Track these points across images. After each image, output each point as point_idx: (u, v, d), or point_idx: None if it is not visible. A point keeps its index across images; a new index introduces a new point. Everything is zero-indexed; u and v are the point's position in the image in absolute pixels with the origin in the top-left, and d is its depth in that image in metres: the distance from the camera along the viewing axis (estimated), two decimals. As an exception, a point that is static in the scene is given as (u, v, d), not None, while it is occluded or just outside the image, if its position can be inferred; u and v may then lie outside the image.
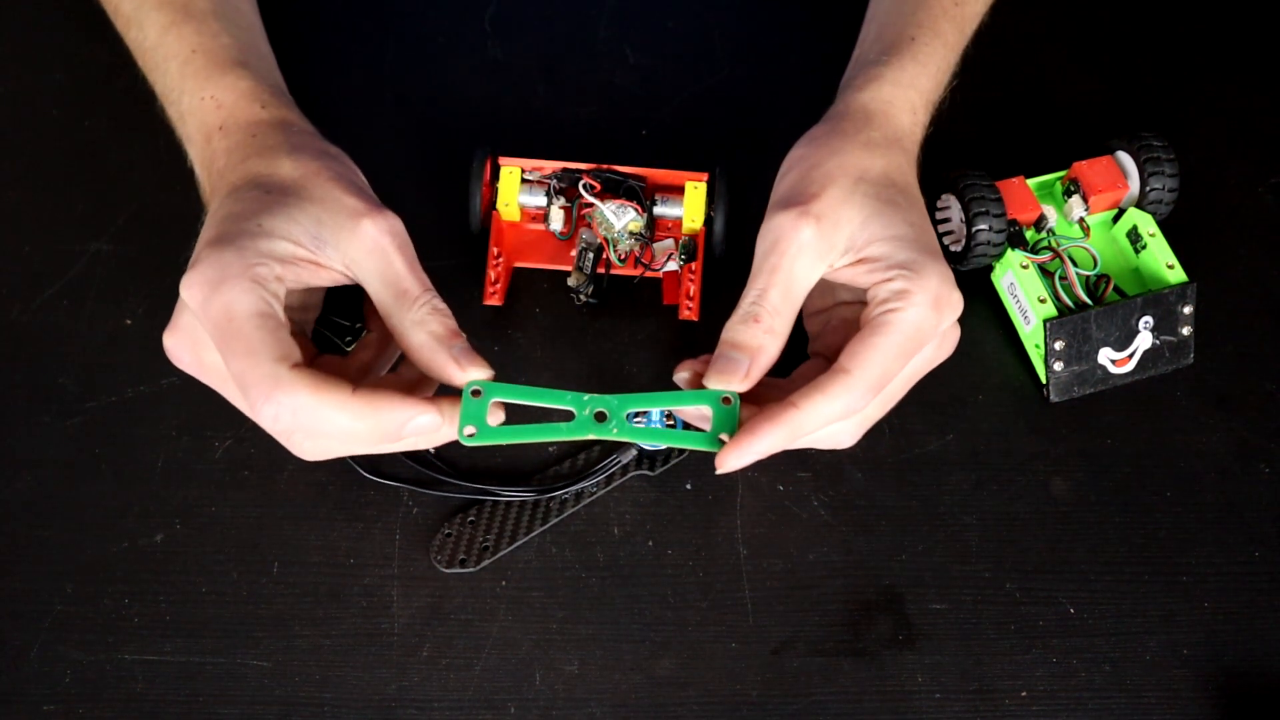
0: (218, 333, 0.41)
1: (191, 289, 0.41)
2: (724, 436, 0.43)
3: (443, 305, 0.44)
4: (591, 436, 0.43)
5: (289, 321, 0.42)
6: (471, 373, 0.43)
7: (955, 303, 0.45)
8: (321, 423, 0.41)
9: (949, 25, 0.53)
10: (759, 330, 0.44)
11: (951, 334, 0.47)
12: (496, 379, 0.43)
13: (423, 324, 0.43)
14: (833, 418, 0.43)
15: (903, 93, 0.50)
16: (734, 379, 0.44)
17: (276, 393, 0.40)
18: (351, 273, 0.44)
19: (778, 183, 0.48)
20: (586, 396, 0.43)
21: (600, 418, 0.43)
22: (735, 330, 0.45)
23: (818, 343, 0.49)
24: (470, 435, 0.42)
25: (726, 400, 0.44)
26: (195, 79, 0.49)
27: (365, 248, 0.44)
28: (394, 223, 0.44)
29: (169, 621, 0.49)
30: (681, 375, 0.46)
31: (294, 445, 0.43)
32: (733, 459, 0.43)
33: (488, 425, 0.42)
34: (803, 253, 0.45)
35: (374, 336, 0.48)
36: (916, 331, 0.44)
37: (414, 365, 0.44)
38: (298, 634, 0.49)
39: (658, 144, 0.62)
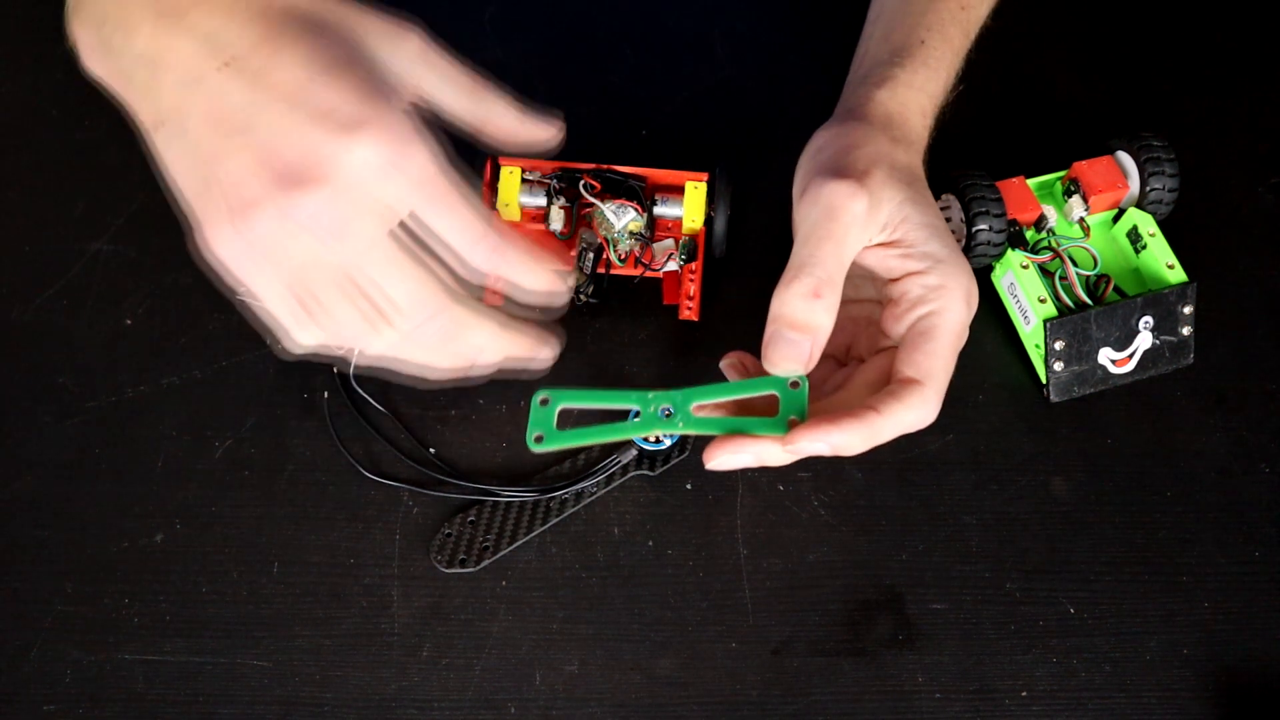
0: (425, 189, 0.40)
1: (381, 146, 0.38)
2: (794, 419, 0.43)
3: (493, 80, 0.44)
4: (659, 432, 0.44)
5: None
6: (552, 128, 0.46)
7: (976, 294, 0.46)
8: (521, 278, 0.43)
9: (956, 30, 0.53)
10: (819, 307, 0.44)
11: (974, 292, 0.48)
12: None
13: (505, 105, 0.45)
14: (907, 427, 0.44)
15: (914, 95, 0.50)
16: (798, 364, 0.44)
17: (502, 242, 0.42)
18: (422, 94, 0.42)
19: (811, 158, 0.48)
20: (651, 394, 0.44)
21: (665, 414, 0.44)
22: (794, 306, 0.44)
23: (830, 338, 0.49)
24: (539, 440, 0.43)
25: (795, 385, 0.44)
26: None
27: (428, 64, 0.42)
28: (421, 28, 0.42)
29: (169, 621, 0.49)
30: (729, 363, 0.46)
31: (367, 339, 0.41)
32: (805, 442, 0.42)
33: (555, 430, 0.44)
34: (855, 223, 0.45)
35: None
36: (961, 328, 0.45)
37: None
38: (298, 634, 0.49)
39: (658, 144, 0.62)
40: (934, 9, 0.53)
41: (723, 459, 0.44)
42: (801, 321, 0.44)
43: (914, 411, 0.44)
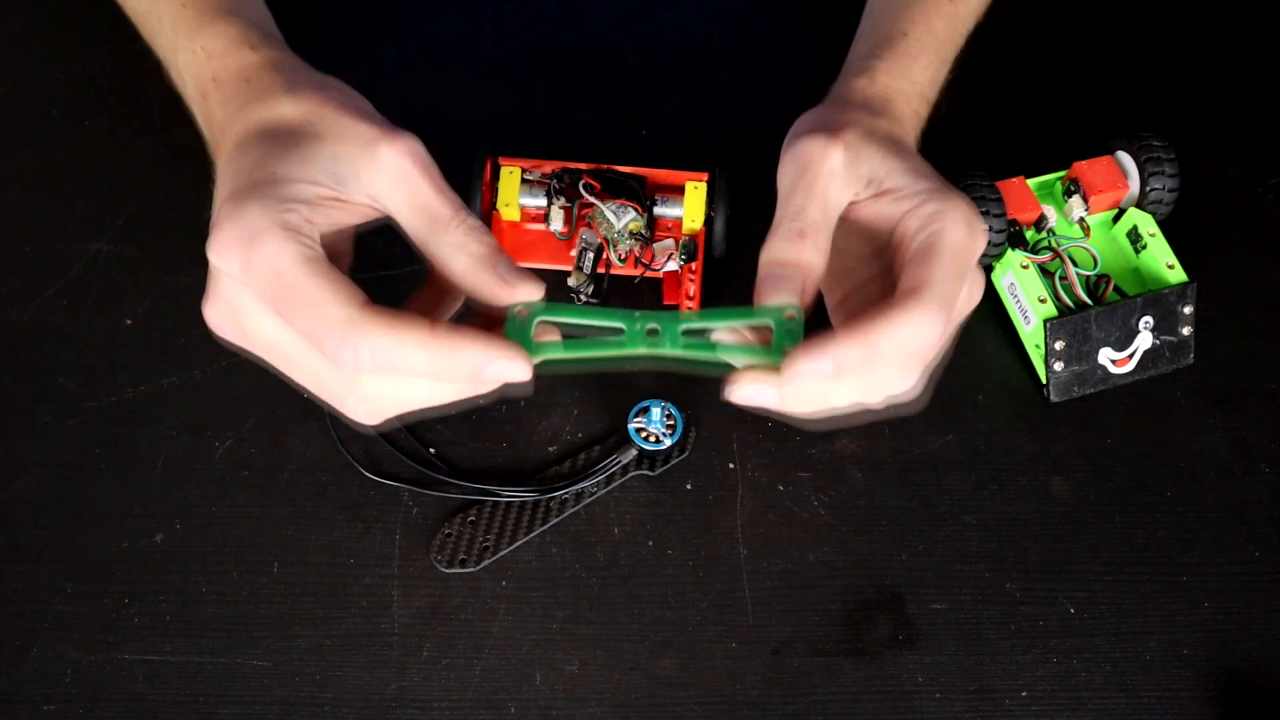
0: (269, 292, 0.39)
1: (223, 252, 0.39)
2: (788, 347, 0.39)
3: (478, 223, 0.42)
4: (644, 351, 0.41)
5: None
6: (521, 291, 0.41)
7: (983, 229, 0.43)
8: (400, 363, 0.39)
9: (942, 21, 0.53)
10: (806, 245, 0.42)
11: (978, 278, 0.45)
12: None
13: (461, 246, 0.41)
14: (909, 341, 0.40)
15: (894, 81, 0.50)
16: (792, 294, 0.41)
17: (352, 335, 0.38)
18: (378, 204, 0.42)
19: (792, 133, 0.47)
20: (638, 313, 0.41)
21: (652, 334, 0.41)
22: (780, 248, 0.42)
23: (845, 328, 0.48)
24: None
25: (790, 316, 0.40)
26: (186, 33, 0.47)
27: (387, 175, 0.41)
28: (412, 143, 0.42)
29: (169, 621, 0.49)
30: (721, 335, 0.44)
31: (351, 406, 0.41)
32: (804, 363, 0.39)
33: (534, 342, 0.40)
34: (834, 175, 0.43)
35: (426, 290, 0.45)
36: (964, 249, 0.42)
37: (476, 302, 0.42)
38: (298, 634, 0.49)
39: (658, 144, 0.62)
40: (920, 3, 0.53)
41: (746, 389, 0.40)
42: (790, 260, 0.42)
43: (913, 319, 0.40)
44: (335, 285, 0.38)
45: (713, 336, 0.42)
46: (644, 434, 0.52)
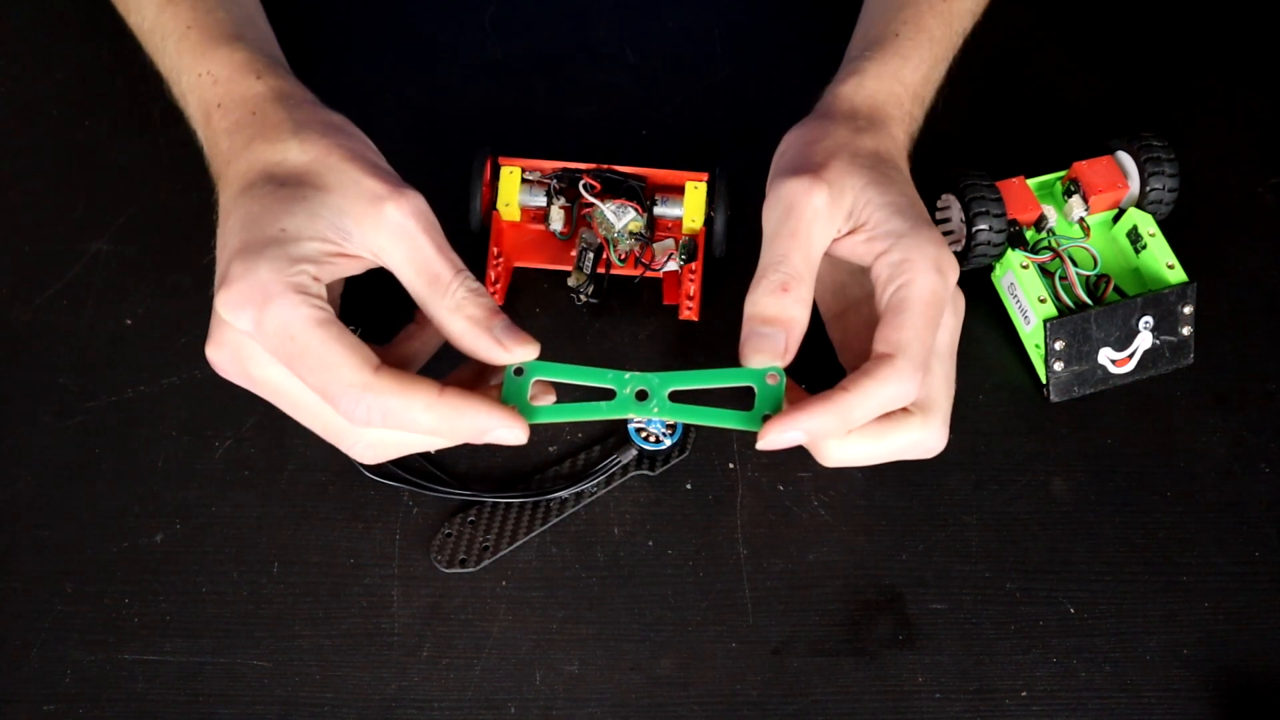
0: (282, 352, 0.40)
1: (235, 311, 0.40)
2: (769, 414, 0.42)
3: (477, 285, 0.43)
4: (635, 416, 0.43)
5: None
6: (517, 353, 0.43)
7: (953, 264, 0.45)
8: (409, 423, 0.41)
9: (935, 20, 0.53)
10: (789, 300, 0.44)
11: (960, 301, 0.47)
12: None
13: (459, 309, 0.43)
14: (886, 403, 0.43)
15: (885, 84, 0.51)
16: (774, 355, 0.43)
17: (367, 397, 0.40)
18: (379, 260, 0.43)
19: (776, 160, 0.49)
20: (628, 375, 0.43)
21: (641, 396, 0.43)
22: (764, 303, 0.44)
23: (848, 353, 0.50)
24: None
25: (773, 378, 0.43)
26: (191, 55, 0.48)
27: (390, 234, 0.42)
28: (417, 202, 0.43)
29: (169, 621, 0.49)
30: None
31: (355, 449, 0.43)
32: (775, 434, 0.42)
33: (529, 405, 0.43)
34: (818, 217, 0.45)
35: (415, 326, 0.47)
36: (933, 297, 0.44)
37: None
38: (298, 634, 0.49)
39: (658, 144, 0.62)
40: (912, 3, 0.53)
41: (774, 439, 0.43)
42: (772, 315, 0.44)
43: (886, 386, 0.42)
44: (348, 348, 0.40)
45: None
46: (644, 434, 0.52)
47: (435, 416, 0.41)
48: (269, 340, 0.40)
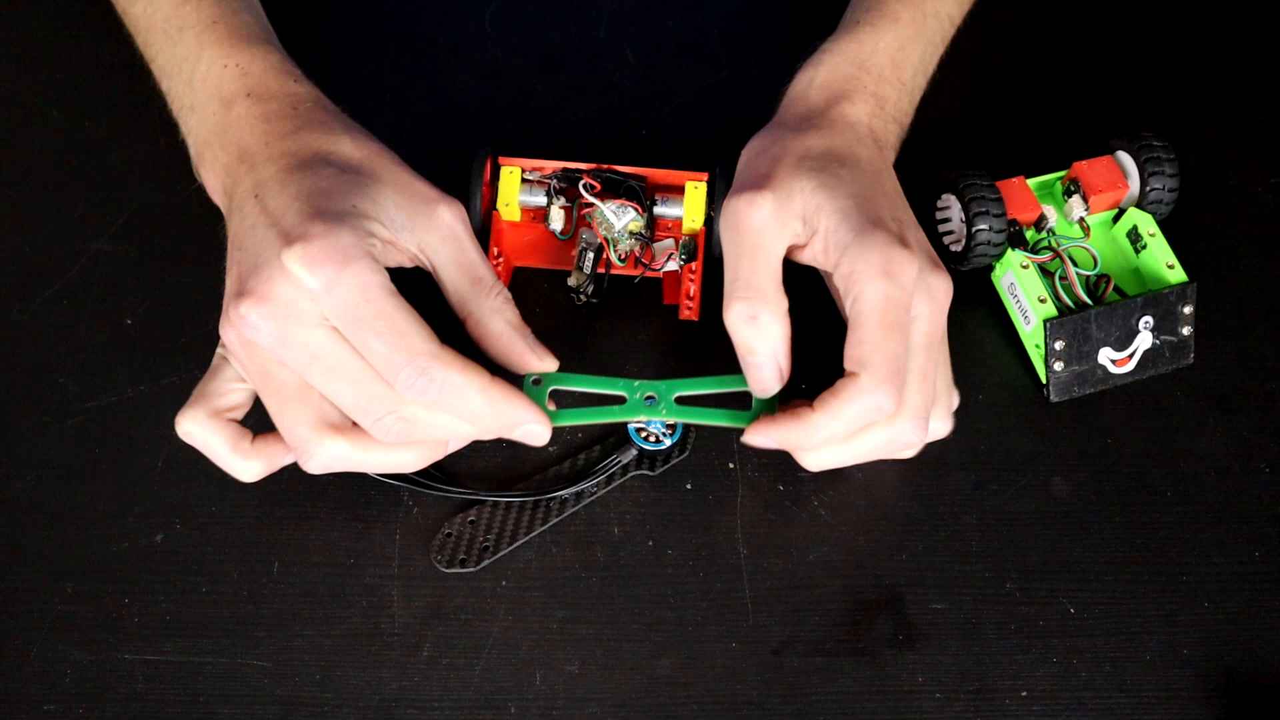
0: (351, 315, 0.41)
1: (314, 266, 0.41)
2: (761, 414, 0.47)
3: (510, 295, 0.46)
4: (644, 418, 0.48)
5: None
6: (546, 362, 0.46)
7: (905, 259, 0.44)
8: (460, 401, 0.42)
9: (903, 7, 0.54)
10: (758, 327, 0.45)
11: (938, 285, 0.46)
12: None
13: (500, 312, 0.45)
14: (858, 418, 0.44)
15: (844, 71, 0.51)
16: (774, 383, 0.46)
17: (431, 366, 0.41)
18: (425, 257, 0.45)
19: (735, 176, 0.50)
20: (637, 383, 0.48)
21: (649, 400, 0.48)
22: (740, 333, 0.46)
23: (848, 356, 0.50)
24: None
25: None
26: (218, 46, 0.49)
27: (441, 234, 0.45)
28: (461, 210, 0.46)
29: (169, 621, 0.49)
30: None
31: (385, 426, 0.43)
32: (751, 438, 0.46)
33: (548, 410, 0.47)
34: (766, 228, 0.46)
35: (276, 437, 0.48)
36: (886, 304, 0.44)
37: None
38: (298, 634, 0.49)
39: (658, 144, 0.62)
40: None
41: (754, 441, 0.47)
42: (751, 346, 0.46)
43: (850, 406, 0.44)
44: (418, 319, 0.42)
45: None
46: (644, 434, 0.52)
47: (484, 400, 0.43)
48: (339, 301, 0.41)
